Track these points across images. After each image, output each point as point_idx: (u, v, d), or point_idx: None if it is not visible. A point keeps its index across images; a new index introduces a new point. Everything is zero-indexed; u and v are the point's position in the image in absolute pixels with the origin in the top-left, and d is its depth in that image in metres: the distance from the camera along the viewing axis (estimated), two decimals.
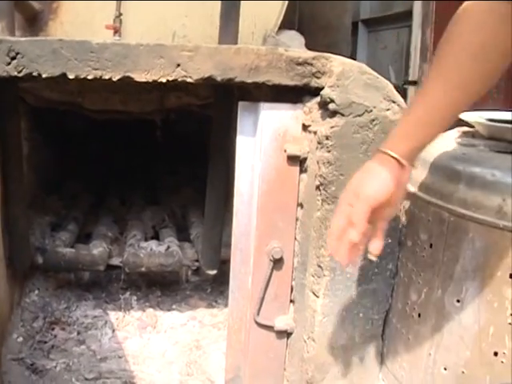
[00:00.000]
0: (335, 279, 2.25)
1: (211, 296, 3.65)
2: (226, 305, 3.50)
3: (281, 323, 2.49)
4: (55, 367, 2.88)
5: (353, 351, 2.35)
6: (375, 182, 1.60)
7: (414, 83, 4.85)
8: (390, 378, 2.29)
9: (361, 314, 2.32)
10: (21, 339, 3.07)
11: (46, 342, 3.08)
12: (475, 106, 1.75)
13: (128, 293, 3.57)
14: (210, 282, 3.75)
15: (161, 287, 3.66)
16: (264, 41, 3.68)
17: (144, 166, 5.59)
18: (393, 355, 2.29)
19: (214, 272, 3.28)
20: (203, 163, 5.15)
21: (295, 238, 2.45)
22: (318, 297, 2.28)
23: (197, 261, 3.53)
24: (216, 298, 3.63)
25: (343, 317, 2.30)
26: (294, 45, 3.67)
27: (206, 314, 3.43)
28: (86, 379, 2.80)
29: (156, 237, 3.86)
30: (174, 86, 3.26)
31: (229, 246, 3.52)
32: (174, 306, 3.51)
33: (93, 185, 5.15)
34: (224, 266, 3.40)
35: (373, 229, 1.69)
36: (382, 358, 2.38)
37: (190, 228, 3.89)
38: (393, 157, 1.59)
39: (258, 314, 2.48)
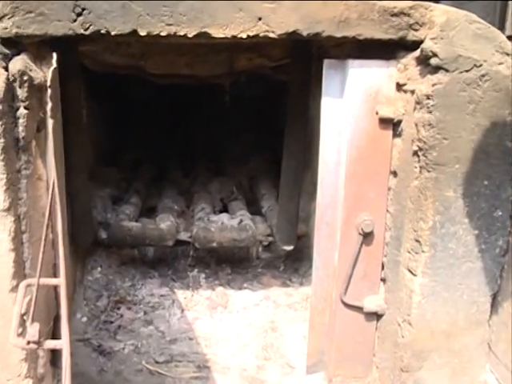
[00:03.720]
0: (436, 256, 2.14)
1: (285, 274, 3.59)
2: (301, 283, 3.44)
3: (371, 304, 2.40)
4: (123, 349, 2.86)
5: (456, 337, 2.24)
6: None
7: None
8: (501, 369, 2.17)
9: (465, 296, 2.20)
10: (85, 319, 3.06)
11: (111, 322, 3.07)
12: None
13: (196, 270, 3.54)
14: (283, 259, 3.68)
15: (231, 264, 3.61)
16: None
17: (206, 134, 5.55)
18: (504, 344, 2.16)
19: (290, 247, 3.20)
20: (271, 131, 5.10)
21: (387, 210, 2.34)
22: (415, 275, 2.17)
23: (270, 235, 3.46)
24: (290, 276, 3.56)
25: (445, 299, 2.19)
26: None
27: (280, 294, 3.36)
28: (157, 362, 2.77)
29: (225, 210, 3.82)
30: (245, 47, 3.19)
31: (302, 220, 3.47)
32: (245, 285, 3.46)
33: (153, 155, 5.14)
34: (298, 241, 3.34)
35: None
36: (489, 347, 2.25)
37: (260, 201, 3.82)
38: None
39: (346, 293, 2.40)
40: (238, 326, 3.06)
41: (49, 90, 1.75)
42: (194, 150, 5.36)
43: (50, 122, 1.88)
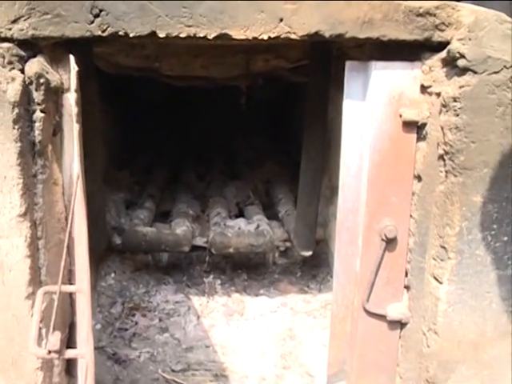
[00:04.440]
0: (463, 263, 2.10)
1: (302, 280, 3.56)
2: (319, 290, 3.42)
3: (394, 312, 2.36)
4: (139, 357, 2.85)
5: (484, 348, 2.19)
6: None
7: None
8: None
9: (494, 305, 2.15)
10: (99, 326, 3.06)
11: (126, 330, 3.07)
12: None
13: (211, 276, 3.53)
14: (300, 265, 3.66)
15: (247, 270, 3.60)
16: None
17: (220, 137, 5.54)
18: None
19: (309, 253, 3.19)
20: (287, 135, 5.09)
21: (411, 216, 2.30)
22: (441, 283, 2.13)
23: (286, 241, 3.44)
24: (308, 282, 3.54)
25: (473, 307, 2.15)
26: None
27: (298, 300, 3.34)
28: (173, 371, 2.76)
29: (241, 215, 3.80)
30: (262, 48, 3.17)
31: (320, 225, 3.44)
32: (261, 291, 3.44)
33: (166, 158, 5.13)
34: (316, 246, 3.32)
35: None
36: None
37: (277, 205, 3.81)
38: None
39: (368, 300, 2.36)
40: (256, 334, 3.05)
41: (74, 95, 1.73)
42: (209, 153, 5.34)
43: (75, 127, 1.88)
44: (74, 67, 1.87)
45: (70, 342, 2.30)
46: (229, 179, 4.55)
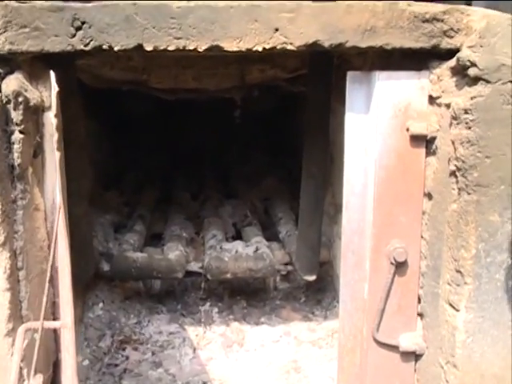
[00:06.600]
0: (481, 288, 2.08)
1: (306, 306, 3.54)
2: (325, 317, 3.40)
3: (407, 342, 2.34)
4: None
5: (510, 383, 2.16)
6: None
7: None
8: None
9: None
10: (87, 362, 3.02)
11: (116, 365, 3.03)
12: None
13: (208, 304, 3.51)
14: (304, 290, 3.65)
15: (246, 296, 3.58)
16: None
17: (214, 153, 5.54)
18: None
19: (313, 277, 3.16)
20: (286, 149, 5.08)
21: (422, 237, 2.29)
22: (458, 310, 2.11)
23: (288, 264, 3.43)
24: (312, 308, 3.52)
25: (495, 337, 2.12)
26: None
27: (302, 329, 3.32)
28: None
29: (238, 236, 3.79)
30: (257, 58, 3.17)
31: (323, 245, 3.43)
32: (262, 319, 3.42)
33: (156, 176, 5.12)
34: (320, 269, 3.30)
35: None
36: None
37: (277, 225, 3.79)
38: None
39: (378, 330, 2.34)
40: (257, 366, 3.02)
41: (55, 120, 1.72)
42: (202, 170, 5.34)
43: (57, 155, 1.86)
44: (54, 87, 1.85)
45: (56, 381, 2.27)
46: (224, 198, 4.55)
